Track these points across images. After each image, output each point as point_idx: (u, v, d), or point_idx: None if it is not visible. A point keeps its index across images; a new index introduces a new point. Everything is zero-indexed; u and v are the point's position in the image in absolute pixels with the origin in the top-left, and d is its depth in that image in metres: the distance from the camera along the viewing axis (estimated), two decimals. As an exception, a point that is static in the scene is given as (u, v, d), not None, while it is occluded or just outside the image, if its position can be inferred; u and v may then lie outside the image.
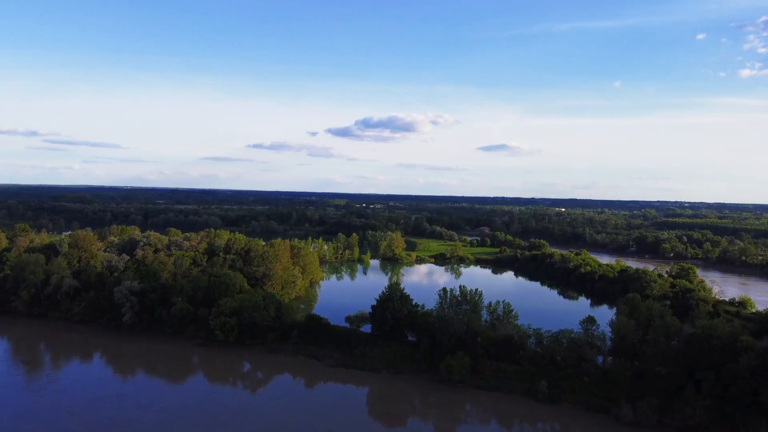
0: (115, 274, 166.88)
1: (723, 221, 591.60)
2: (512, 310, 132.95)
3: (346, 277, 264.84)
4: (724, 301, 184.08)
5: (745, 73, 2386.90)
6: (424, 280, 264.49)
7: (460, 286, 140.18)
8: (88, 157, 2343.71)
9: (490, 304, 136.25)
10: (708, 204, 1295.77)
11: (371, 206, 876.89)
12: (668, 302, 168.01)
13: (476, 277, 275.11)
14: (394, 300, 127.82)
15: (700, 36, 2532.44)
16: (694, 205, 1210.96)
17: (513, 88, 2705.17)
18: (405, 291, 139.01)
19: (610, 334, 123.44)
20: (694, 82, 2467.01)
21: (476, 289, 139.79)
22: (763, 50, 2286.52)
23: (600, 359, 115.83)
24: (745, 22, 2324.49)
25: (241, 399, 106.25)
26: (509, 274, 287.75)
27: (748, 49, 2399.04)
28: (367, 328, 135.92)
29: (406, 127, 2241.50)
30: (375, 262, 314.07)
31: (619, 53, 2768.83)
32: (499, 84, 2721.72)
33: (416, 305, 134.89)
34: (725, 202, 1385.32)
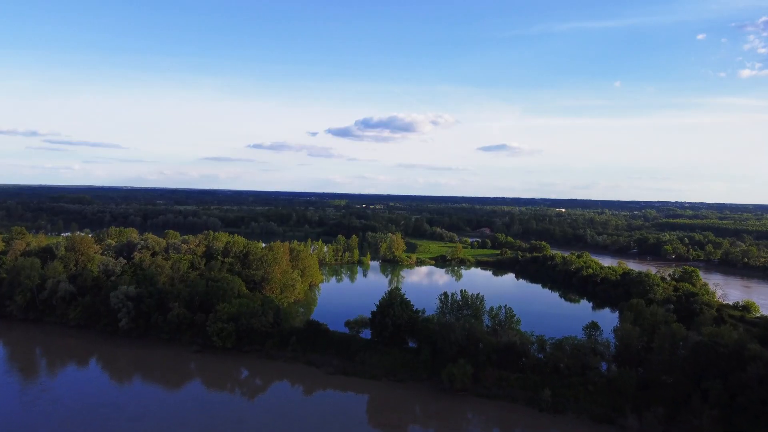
0: (112, 278, 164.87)
1: (724, 222, 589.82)
2: (514, 315, 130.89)
3: (346, 280, 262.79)
4: (728, 305, 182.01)
5: (745, 73, 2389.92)
6: (425, 282, 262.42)
7: (461, 291, 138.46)
8: (88, 157, 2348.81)
9: (491, 308, 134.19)
10: (708, 204, 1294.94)
11: (371, 207, 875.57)
12: (672, 306, 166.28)
13: (477, 279, 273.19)
14: (394, 306, 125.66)
15: (700, 36, 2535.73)
16: (694, 206, 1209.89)
17: (513, 88, 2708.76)
18: (405, 295, 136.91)
19: (613, 340, 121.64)
20: (694, 82, 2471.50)
21: (478, 294, 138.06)
22: (763, 50, 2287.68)
23: (604, 366, 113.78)
24: (745, 22, 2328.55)
25: (238, 407, 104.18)
26: (510, 277, 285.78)
27: (748, 49, 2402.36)
28: (366, 333, 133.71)
29: (406, 128, 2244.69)
30: (375, 264, 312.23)
31: (619, 53, 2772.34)
32: (499, 84, 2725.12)
33: (417, 311, 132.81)
34: (725, 202, 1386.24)
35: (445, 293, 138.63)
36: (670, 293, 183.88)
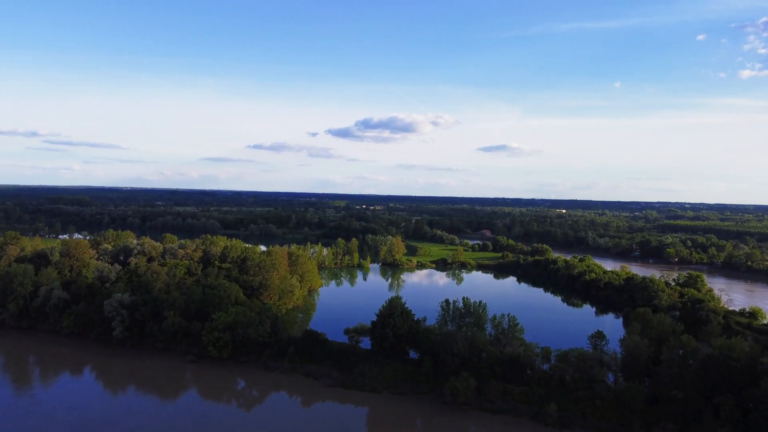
0: (107, 284, 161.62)
1: (726, 224, 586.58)
2: (518, 324, 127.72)
3: (346, 284, 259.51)
4: (734, 312, 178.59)
5: (746, 73, 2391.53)
6: (426, 287, 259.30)
7: (463, 298, 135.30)
8: (88, 157, 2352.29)
9: (494, 317, 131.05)
10: (709, 205, 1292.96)
11: (371, 207, 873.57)
12: (677, 313, 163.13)
13: (478, 283, 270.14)
14: (394, 316, 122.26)
15: (701, 37, 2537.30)
16: (694, 206, 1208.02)
17: (513, 88, 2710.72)
18: (405, 302, 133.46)
19: (620, 350, 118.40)
20: (694, 82, 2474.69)
21: (480, 301, 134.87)
22: (763, 51, 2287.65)
23: (611, 378, 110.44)
24: (745, 22, 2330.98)
25: (235, 420, 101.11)
26: (512, 280, 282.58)
27: (748, 49, 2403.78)
28: (366, 341, 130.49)
29: (406, 128, 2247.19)
30: (375, 266, 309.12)
31: (619, 54, 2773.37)
32: (499, 84, 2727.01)
33: (418, 321, 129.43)
34: (726, 203, 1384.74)
35: (447, 300, 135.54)
36: (675, 299, 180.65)
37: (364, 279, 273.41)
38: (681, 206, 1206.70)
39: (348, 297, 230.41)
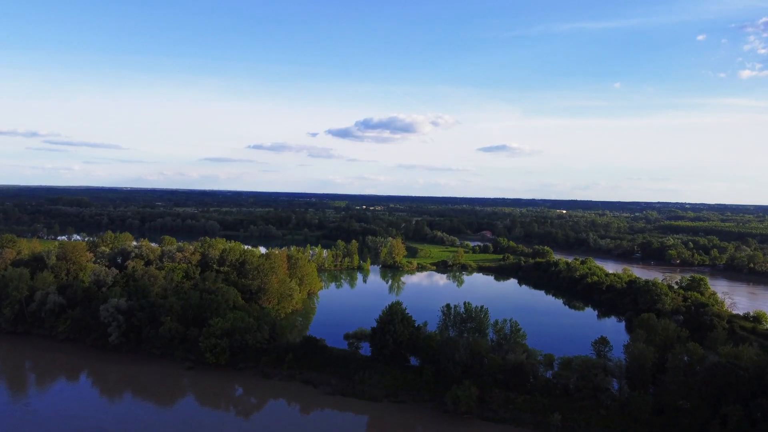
0: (104, 289, 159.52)
1: (727, 224, 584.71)
2: (520, 329, 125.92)
3: (346, 286, 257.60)
4: (738, 316, 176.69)
5: (746, 74, 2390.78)
6: (426, 289, 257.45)
7: (464, 303, 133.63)
8: (88, 157, 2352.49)
9: (496, 322, 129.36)
10: (709, 205, 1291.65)
11: (371, 208, 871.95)
12: (681, 318, 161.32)
13: (479, 285, 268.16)
14: (395, 322, 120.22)
15: (701, 37, 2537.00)
16: (695, 207, 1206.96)
17: (513, 88, 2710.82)
18: (405, 306, 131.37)
19: (624, 357, 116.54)
20: (694, 82, 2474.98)
21: (482, 306, 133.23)
22: (763, 51, 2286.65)
23: (615, 385, 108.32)
24: (745, 23, 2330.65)
25: (232, 428, 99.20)
26: (513, 282, 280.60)
27: (748, 50, 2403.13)
28: (366, 346, 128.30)
29: (406, 128, 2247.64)
30: (375, 268, 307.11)
31: (619, 54, 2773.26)
32: (499, 85, 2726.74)
33: (419, 327, 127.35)
34: (726, 203, 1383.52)
35: (448, 305, 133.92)
36: (679, 303, 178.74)
37: (364, 281, 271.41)
38: (681, 206, 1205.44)
39: (348, 300, 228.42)
